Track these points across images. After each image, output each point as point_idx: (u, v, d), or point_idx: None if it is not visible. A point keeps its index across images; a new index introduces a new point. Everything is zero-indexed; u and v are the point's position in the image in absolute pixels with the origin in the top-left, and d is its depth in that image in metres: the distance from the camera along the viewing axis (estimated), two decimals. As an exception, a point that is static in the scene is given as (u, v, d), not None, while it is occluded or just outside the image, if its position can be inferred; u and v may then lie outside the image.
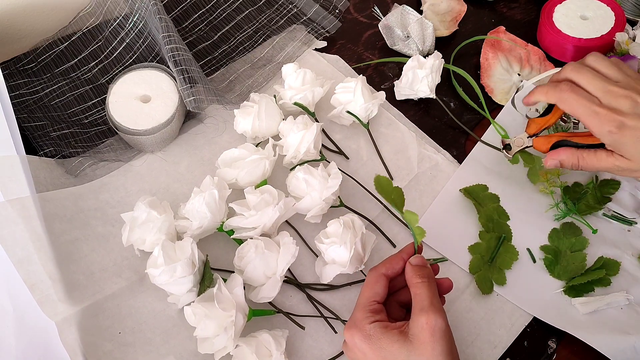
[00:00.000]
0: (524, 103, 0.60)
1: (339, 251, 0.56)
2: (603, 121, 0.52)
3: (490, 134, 0.70)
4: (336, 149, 0.70)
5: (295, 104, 0.68)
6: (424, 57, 0.72)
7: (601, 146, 0.55)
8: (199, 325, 0.52)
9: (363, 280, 0.60)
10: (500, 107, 0.73)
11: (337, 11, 0.81)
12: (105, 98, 0.68)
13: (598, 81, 0.54)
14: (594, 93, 0.53)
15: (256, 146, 0.65)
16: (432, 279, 0.51)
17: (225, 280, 0.55)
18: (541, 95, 0.57)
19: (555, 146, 0.58)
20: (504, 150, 0.62)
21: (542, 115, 0.60)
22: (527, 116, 0.61)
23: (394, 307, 0.54)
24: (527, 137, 0.60)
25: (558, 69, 0.58)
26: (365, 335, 0.49)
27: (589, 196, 0.64)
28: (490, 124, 0.71)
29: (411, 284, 0.51)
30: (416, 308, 0.49)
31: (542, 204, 0.65)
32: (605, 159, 0.55)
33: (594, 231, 0.63)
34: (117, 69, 0.74)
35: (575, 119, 0.69)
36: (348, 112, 0.68)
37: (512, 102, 0.63)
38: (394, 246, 0.63)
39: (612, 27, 0.74)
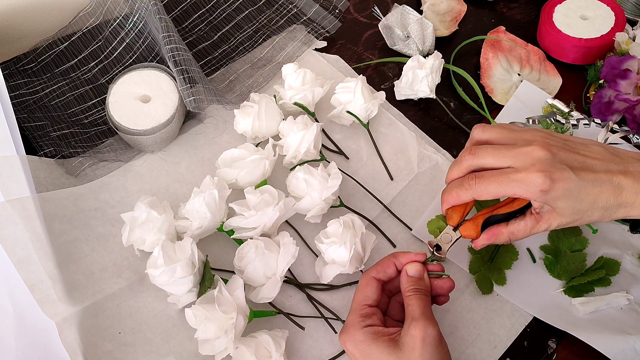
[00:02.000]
0: (442, 210, 0.54)
1: (339, 251, 0.56)
2: (529, 185, 0.47)
3: (490, 134, 0.70)
4: (336, 149, 0.70)
5: (295, 104, 0.68)
6: (424, 57, 0.72)
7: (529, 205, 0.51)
8: (199, 327, 0.52)
9: (363, 280, 0.61)
10: (500, 107, 0.73)
11: (337, 11, 0.81)
12: (105, 98, 0.68)
13: (500, 150, 0.49)
14: (503, 164, 0.49)
15: (256, 146, 0.65)
16: (426, 292, 0.51)
17: (225, 281, 0.55)
18: (453, 200, 0.51)
19: (484, 225, 0.52)
20: (435, 253, 0.53)
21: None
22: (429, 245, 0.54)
23: (396, 308, 0.54)
24: (453, 230, 0.53)
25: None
26: (356, 341, 0.49)
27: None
28: (491, 124, 0.71)
29: (404, 294, 0.51)
30: (408, 318, 0.49)
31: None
32: (536, 226, 0.50)
33: (594, 231, 0.63)
34: (117, 69, 0.74)
35: (571, 119, 0.68)
36: (348, 112, 0.68)
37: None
38: (394, 246, 0.63)
39: (612, 27, 0.74)
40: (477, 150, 0.51)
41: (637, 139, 0.67)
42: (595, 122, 0.68)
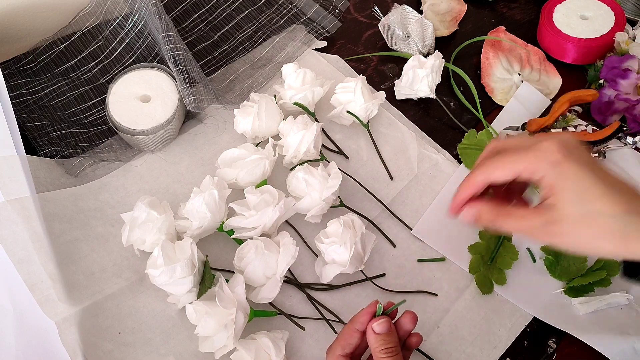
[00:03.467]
0: (451, 211, 0.48)
1: (339, 251, 0.56)
2: (543, 154, 0.42)
3: (490, 134, 0.71)
4: (336, 149, 0.69)
5: (295, 103, 0.68)
6: (424, 57, 0.72)
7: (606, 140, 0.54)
8: (199, 322, 0.52)
9: (363, 280, 0.60)
10: (500, 107, 0.73)
11: (337, 11, 0.81)
12: (105, 98, 0.68)
13: (519, 138, 0.45)
14: (518, 145, 0.44)
15: (256, 146, 0.65)
16: (397, 348, 0.48)
17: (227, 281, 0.55)
18: (470, 184, 0.46)
19: None
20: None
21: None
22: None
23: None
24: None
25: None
26: None
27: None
28: (490, 124, 0.71)
29: (375, 355, 0.48)
30: None
31: (542, 204, 0.65)
32: (531, 215, 0.43)
33: (594, 231, 0.63)
34: (117, 69, 0.74)
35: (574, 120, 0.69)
36: (348, 112, 0.68)
37: None
38: (394, 246, 0.63)
39: (612, 27, 0.74)
40: (499, 142, 0.47)
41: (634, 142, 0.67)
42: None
